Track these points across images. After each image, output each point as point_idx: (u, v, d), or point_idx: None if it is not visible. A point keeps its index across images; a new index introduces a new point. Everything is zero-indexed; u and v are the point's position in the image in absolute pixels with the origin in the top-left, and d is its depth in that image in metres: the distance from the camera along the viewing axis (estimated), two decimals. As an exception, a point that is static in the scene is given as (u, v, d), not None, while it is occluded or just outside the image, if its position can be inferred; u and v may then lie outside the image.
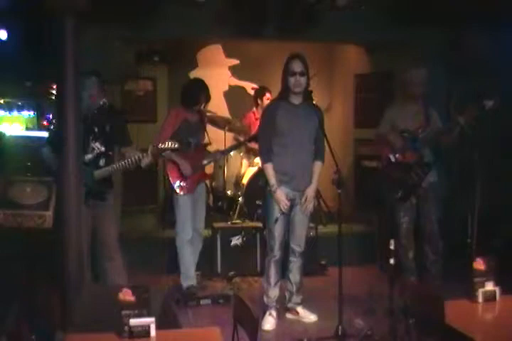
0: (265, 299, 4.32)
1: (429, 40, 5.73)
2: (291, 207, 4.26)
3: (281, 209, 4.16)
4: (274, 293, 4.31)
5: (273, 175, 4.18)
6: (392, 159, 4.66)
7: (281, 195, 4.14)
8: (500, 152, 5.26)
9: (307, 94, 4.21)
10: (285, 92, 4.23)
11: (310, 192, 4.24)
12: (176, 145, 4.19)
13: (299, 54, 4.22)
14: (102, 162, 4.26)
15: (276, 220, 4.18)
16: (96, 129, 4.23)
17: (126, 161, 4.21)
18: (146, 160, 4.18)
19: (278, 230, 4.21)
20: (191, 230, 4.83)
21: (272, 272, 4.28)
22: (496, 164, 5.05)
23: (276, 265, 4.28)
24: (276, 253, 4.25)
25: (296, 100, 4.22)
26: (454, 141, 4.59)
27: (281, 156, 4.19)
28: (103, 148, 4.26)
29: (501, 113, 4.71)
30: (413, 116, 4.72)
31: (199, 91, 4.91)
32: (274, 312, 4.29)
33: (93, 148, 4.23)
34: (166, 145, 4.17)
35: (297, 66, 4.14)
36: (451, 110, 4.83)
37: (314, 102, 4.30)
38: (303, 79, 4.15)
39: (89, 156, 4.21)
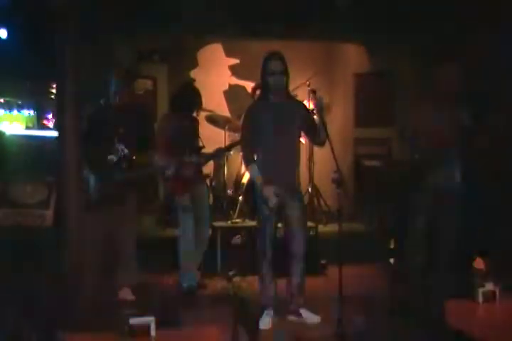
0: (261, 298, 4.29)
1: (430, 39, 5.73)
2: (283, 208, 4.22)
3: (268, 208, 4.13)
4: (269, 292, 4.28)
5: (258, 175, 4.13)
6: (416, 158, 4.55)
7: (270, 192, 4.09)
8: (501, 152, 5.26)
9: (289, 92, 4.22)
10: (265, 92, 4.20)
11: None
12: (200, 160, 4.22)
13: (278, 52, 4.17)
14: (125, 165, 4.19)
15: (270, 211, 4.13)
16: (121, 130, 4.16)
17: (147, 169, 4.21)
18: (168, 172, 4.19)
19: (267, 229, 4.18)
20: (192, 231, 4.83)
21: (266, 272, 4.25)
22: (496, 164, 5.05)
23: (268, 264, 4.25)
24: (268, 252, 4.22)
25: (277, 98, 4.19)
26: (488, 142, 4.46)
27: (266, 156, 4.16)
28: (126, 151, 4.18)
29: (502, 113, 4.72)
30: (439, 115, 4.59)
31: (192, 99, 4.89)
32: (271, 312, 4.26)
33: (117, 150, 4.16)
34: (190, 160, 4.20)
35: (276, 65, 4.09)
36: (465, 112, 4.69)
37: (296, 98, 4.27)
38: (283, 78, 4.11)
39: (112, 157, 4.17)
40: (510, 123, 4.84)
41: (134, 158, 4.22)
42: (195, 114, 5.14)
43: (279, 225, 4.41)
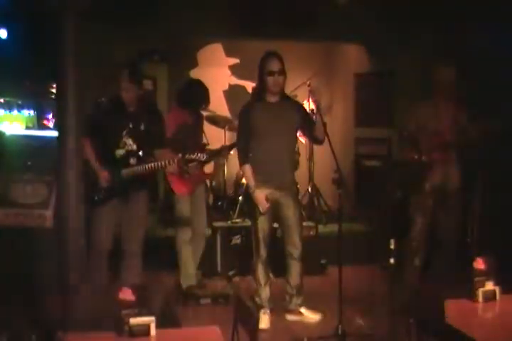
0: (257, 299, 4.29)
1: (430, 39, 5.73)
2: (279, 208, 4.22)
3: (260, 211, 4.11)
4: (265, 293, 4.28)
5: (252, 177, 4.12)
6: (416, 159, 4.55)
7: (261, 197, 4.09)
8: (501, 152, 5.26)
9: (285, 92, 4.22)
10: (262, 92, 4.18)
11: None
12: (205, 157, 4.18)
13: (275, 52, 4.16)
14: (132, 161, 4.18)
15: (260, 215, 4.12)
16: (131, 125, 4.16)
17: (153, 165, 4.15)
18: (170, 169, 4.16)
19: (262, 230, 4.17)
20: (190, 230, 4.83)
21: (261, 272, 4.25)
22: (496, 164, 5.04)
23: (264, 265, 4.24)
24: (263, 253, 4.21)
25: (274, 98, 4.18)
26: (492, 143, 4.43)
27: (261, 156, 4.14)
28: (135, 146, 4.18)
29: (502, 112, 4.71)
30: (440, 115, 4.59)
31: (200, 95, 4.88)
32: (267, 312, 4.26)
33: (125, 143, 4.16)
34: (194, 157, 4.16)
35: (275, 65, 4.07)
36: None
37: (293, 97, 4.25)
38: (281, 79, 4.10)
39: (120, 152, 4.16)
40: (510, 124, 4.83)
41: (141, 153, 4.21)
42: (200, 111, 5.14)
43: (276, 225, 4.42)
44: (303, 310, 4.36)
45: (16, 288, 4.05)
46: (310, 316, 4.34)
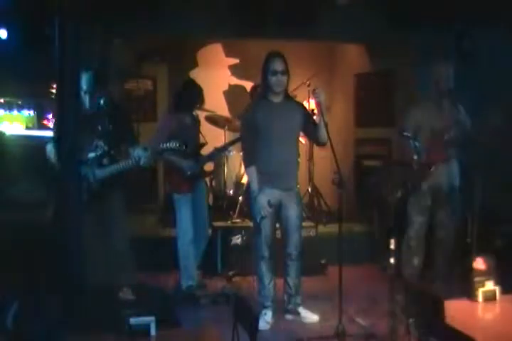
0: (260, 299, 4.29)
1: (430, 39, 5.73)
2: (281, 209, 4.22)
3: (262, 214, 4.11)
4: (268, 292, 4.28)
5: (256, 179, 4.13)
6: (416, 159, 4.54)
7: (264, 201, 4.11)
8: (501, 152, 5.26)
9: (288, 92, 4.23)
10: (266, 92, 4.19)
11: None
12: (177, 145, 4.19)
13: (279, 52, 4.18)
14: (105, 161, 4.20)
15: (262, 219, 4.13)
16: (99, 127, 4.18)
17: (127, 161, 4.17)
18: (145, 160, 4.16)
19: (265, 230, 4.17)
20: (192, 230, 4.83)
21: (264, 272, 4.25)
22: (496, 164, 5.05)
23: (267, 264, 4.25)
24: (265, 253, 4.21)
25: (277, 98, 4.19)
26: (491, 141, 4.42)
27: (266, 156, 4.14)
28: (107, 147, 4.21)
29: (502, 112, 4.71)
30: (439, 115, 4.59)
31: (193, 94, 4.90)
32: (269, 312, 4.26)
33: (96, 146, 4.18)
34: (167, 146, 4.17)
35: (278, 65, 4.09)
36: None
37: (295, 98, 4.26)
38: (284, 78, 4.12)
39: (92, 155, 4.18)
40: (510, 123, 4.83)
41: (113, 152, 4.22)
42: (196, 111, 5.14)
43: (277, 225, 4.41)
44: (301, 309, 4.36)
45: (16, 288, 4.05)
46: (308, 316, 4.34)
